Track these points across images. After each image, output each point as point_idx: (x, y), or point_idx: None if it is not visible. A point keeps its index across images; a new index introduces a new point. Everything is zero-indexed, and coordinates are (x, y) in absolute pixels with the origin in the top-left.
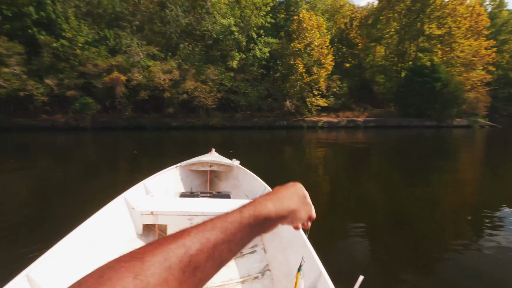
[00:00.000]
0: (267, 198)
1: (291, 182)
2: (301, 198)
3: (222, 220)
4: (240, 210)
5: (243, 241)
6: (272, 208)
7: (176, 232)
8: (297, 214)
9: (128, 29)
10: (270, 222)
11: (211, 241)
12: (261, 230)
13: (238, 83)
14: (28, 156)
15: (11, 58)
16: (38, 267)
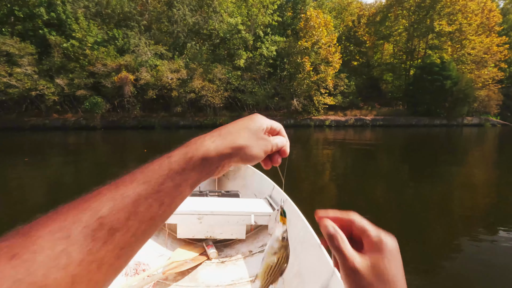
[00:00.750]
0: (206, 135)
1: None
2: (254, 132)
3: (144, 170)
4: (168, 155)
5: (179, 190)
6: (210, 146)
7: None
8: (247, 150)
9: (136, 29)
10: (210, 162)
11: (130, 196)
12: (202, 173)
13: (245, 82)
14: (41, 154)
15: (23, 59)
16: None
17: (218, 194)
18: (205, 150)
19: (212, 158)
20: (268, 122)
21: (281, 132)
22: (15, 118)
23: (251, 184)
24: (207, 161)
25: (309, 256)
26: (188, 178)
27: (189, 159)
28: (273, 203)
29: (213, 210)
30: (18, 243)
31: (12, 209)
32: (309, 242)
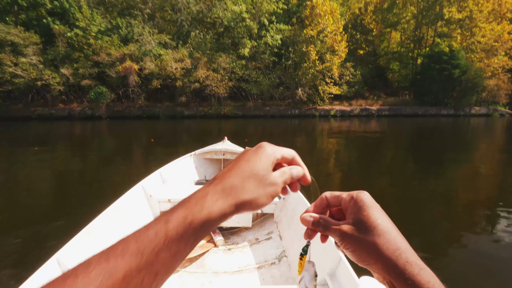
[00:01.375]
0: (208, 191)
1: (249, 150)
2: (261, 178)
3: (139, 238)
4: (165, 219)
5: (176, 258)
6: (213, 208)
7: (72, 268)
8: (253, 203)
9: (140, 18)
10: (212, 224)
11: (120, 271)
12: (202, 236)
13: (249, 71)
14: (49, 144)
15: (27, 48)
16: (66, 252)
17: None
18: (207, 213)
19: (215, 221)
20: (278, 153)
21: (295, 161)
22: (21, 108)
23: None
24: (209, 224)
25: (316, 245)
26: (187, 245)
27: (188, 225)
28: None
29: None
30: None
31: (23, 197)
32: None
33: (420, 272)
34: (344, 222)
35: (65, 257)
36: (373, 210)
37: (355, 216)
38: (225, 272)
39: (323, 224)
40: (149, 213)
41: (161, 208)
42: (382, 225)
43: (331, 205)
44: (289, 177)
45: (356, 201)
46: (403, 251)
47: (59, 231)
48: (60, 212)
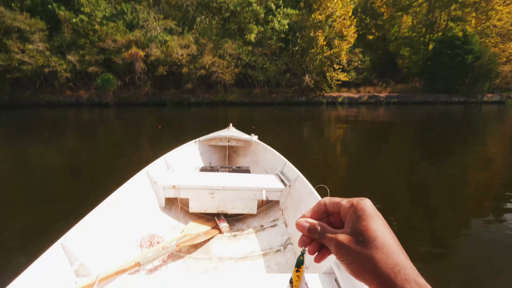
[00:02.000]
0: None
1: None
2: None
3: None
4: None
5: None
6: None
7: None
8: None
9: (145, 3)
10: None
11: None
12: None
13: (256, 58)
14: (58, 130)
15: (34, 35)
16: (71, 237)
17: (229, 169)
18: None
19: None
20: None
21: None
22: (30, 95)
23: (262, 160)
24: None
25: None
26: None
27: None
28: (285, 179)
29: (224, 185)
30: None
31: (32, 182)
32: None
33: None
34: (342, 231)
35: (70, 241)
36: (373, 220)
37: (354, 226)
38: (230, 258)
39: (319, 232)
40: (154, 199)
41: (166, 194)
42: (381, 237)
43: (330, 212)
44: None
45: (356, 209)
46: (403, 267)
47: (65, 216)
48: (66, 197)
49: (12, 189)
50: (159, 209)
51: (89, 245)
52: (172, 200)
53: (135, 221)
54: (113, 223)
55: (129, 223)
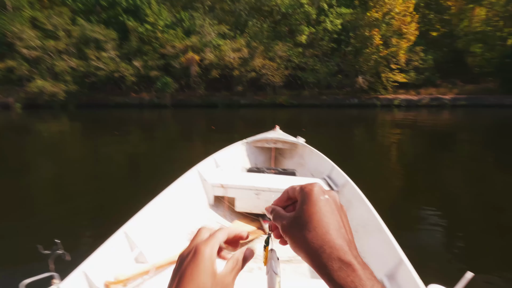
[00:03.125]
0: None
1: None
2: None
3: None
4: None
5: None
6: None
7: None
8: None
9: (201, 10)
10: None
11: None
12: None
13: (306, 59)
14: (124, 128)
15: (107, 44)
16: (132, 226)
17: (274, 171)
18: None
19: None
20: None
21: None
22: (102, 97)
23: (308, 163)
24: None
25: (373, 241)
26: None
27: None
28: (332, 184)
29: (270, 187)
30: None
31: (101, 174)
32: (373, 226)
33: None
34: (289, 215)
35: (131, 230)
36: (314, 205)
37: (298, 209)
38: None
39: (273, 215)
40: (204, 196)
41: (214, 192)
42: (315, 220)
43: (292, 198)
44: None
45: (303, 193)
46: (330, 247)
47: (128, 200)
48: (129, 188)
49: (88, 176)
50: (208, 206)
51: (147, 235)
52: (220, 198)
53: (187, 215)
54: (167, 216)
55: (181, 217)
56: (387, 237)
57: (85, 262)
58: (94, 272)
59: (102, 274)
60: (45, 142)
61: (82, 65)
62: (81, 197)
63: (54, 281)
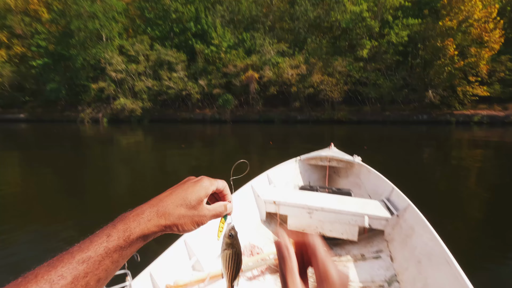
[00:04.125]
0: (145, 210)
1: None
2: (192, 207)
3: (84, 249)
4: (107, 233)
5: (116, 264)
6: (147, 225)
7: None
8: (180, 227)
9: (261, 30)
10: (147, 238)
11: (67, 277)
12: (136, 246)
13: (367, 74)
14: (188, 142)
15: (178, 65)
16: (191, 235)
17: (328, 190)
18: (142, 229)
19: (148, 235)
20: (214, 186)
21: (225, 191)
22: (171, 113)
23: (365, 183)
24: (144, 238)
25: (438, 273)
26: (126, 254)
27: (127, 237)
28: (392, 207)
29: (323, 207)
30: None
31: (165, 182)
32: (438, 257)
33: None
34: None
35: (190, 238)
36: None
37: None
38: None
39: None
40: (256, 212)
41: (267, 209)
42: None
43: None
44: (217, 213)
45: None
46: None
47: None
48: None
49: (157, 183)
50: (260, 222)
51: (204, 245)
52: (272, 214)
53: (240, 229)
54: None
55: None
56: (456, 271)
57: (151, 265)
58: (158, 274)
59: (164, 278)
60: (124, 151)
61: (156, 85)
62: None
63: (127, 278)
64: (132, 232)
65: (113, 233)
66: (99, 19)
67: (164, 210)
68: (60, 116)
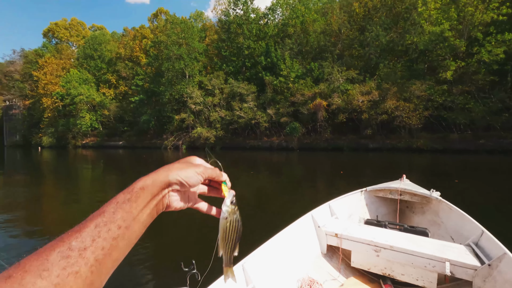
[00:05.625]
0: (158, 170)
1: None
2: (187, 160)
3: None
4: (116, 196)
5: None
6: (148, 179)
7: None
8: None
9: (330, 59)
10: (149, 190)
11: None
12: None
13: (453, 97)
14: (256, 169)
15: (248, 96)
16: (249, 262)
17: (399, 227)
18: (143, 181)
19: (149, 186)
20: (207, 167)
21: (216, 178)
22: (241, 141)
23: (446, 223)
24: (146, 189)
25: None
26: (134, 204)
27: (131, 190)
28: (481, 254)
29: (393, 245)
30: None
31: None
32: None
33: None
34: None
35: (248, 265)
36: None
37: None
38: None
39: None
40: (316, 242)
41: (328, 241)
42: None
43: None
44: (210, 169)
45: None
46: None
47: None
48: (255, 221)
49: None
50: (321, 255)
51: (261, 272)
52: (333, 248)
53: (298, 260)
54: (280, 257)
55: (293, 261)
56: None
57: (210, 286)
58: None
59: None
60: None
61: (228, 115)
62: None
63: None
64: (134, 186)
65: (119, 194)
66: (184, 60)
67: (170, 165)
68: (149, 143)
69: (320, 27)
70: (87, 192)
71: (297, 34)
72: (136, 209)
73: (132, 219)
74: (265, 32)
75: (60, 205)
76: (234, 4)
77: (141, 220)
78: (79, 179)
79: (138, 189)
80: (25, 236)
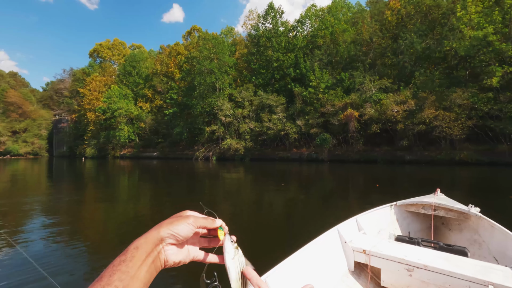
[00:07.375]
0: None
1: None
2: (180, 215)
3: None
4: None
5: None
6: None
7: None
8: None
9: (361, 68)
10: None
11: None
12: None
13: (501, 105)
14: (285, 180)
15: (277, 108)
16: (272, 276)
17: (434, 245)
18: (137, 242)
19: (142, 244)
20: (200, 222)
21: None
22: (270, 152)
23: (488, 242)
24: (140, 248)
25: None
26: (130, 264)
27: (126, 251)
28: None
29: (427, 265)
30: None
31: (265, 218)
32: None
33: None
34: None
35: (271, 279)
36: None
37: None
38: None
39: None
40: (343, 260)
41: (355, 258)
42: None
43: None
44: (201, 218)
45: None
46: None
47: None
48: (281, 233)
49: (253, 218)
50: (348, 272)
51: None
52: (362, 265)
53: (325, 276)
54: (305, 273)
55: (317, 277)
56: None
57: None
58: None
59: None
60: (227, 186)
61: (257, 126)
62: (244, 235)
63: None
64: (128, 248)
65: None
66: (215, 74)
67: (162, 222)
68: (181, 154)
69: (350, 37)
70: (123, 201)
71: (326, 45)
72: (133, 268)
73: (130, 278)
74: (294, 44)
75: (98, 211)
76: (263, 19)
77: (139, 278)
78: (117, 187)
79: (132, 249)
80: (64, 242)
